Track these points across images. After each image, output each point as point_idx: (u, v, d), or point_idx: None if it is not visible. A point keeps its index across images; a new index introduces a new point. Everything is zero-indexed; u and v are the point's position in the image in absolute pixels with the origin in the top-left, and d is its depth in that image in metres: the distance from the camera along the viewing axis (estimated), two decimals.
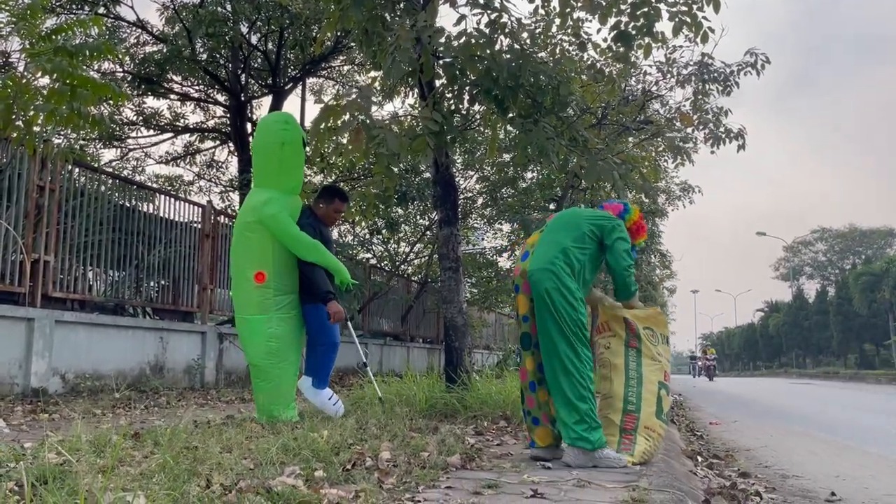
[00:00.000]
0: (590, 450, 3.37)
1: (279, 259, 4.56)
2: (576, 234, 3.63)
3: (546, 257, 3.55)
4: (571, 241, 3.60)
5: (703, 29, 5.79)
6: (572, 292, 3.49)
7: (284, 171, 4.69)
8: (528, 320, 3.65)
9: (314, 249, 4.56)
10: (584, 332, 3.49)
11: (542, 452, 3.62)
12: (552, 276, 3.48)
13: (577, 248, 3.59)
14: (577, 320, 3.46)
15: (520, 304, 3.70)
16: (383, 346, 14.56)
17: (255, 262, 4.53)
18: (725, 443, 6.65)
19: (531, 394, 3.68)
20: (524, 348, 3.70)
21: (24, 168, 6.60)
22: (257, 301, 4.53)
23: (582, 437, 3.36)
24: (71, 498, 1.91)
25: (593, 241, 3.65)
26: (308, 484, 2.55)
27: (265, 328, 4.52)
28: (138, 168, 16.33)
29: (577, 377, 3.40)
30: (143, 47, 14.03)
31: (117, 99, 5.12)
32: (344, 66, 16.20)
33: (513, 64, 5.25)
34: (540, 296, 3.50)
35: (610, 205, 3.94)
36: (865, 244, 63.85)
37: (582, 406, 3.38)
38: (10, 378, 6.14)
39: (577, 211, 3.84)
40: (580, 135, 6.06)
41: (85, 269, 7.55)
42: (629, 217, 3.88)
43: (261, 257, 4.53)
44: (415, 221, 15.80)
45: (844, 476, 4.67)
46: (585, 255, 3.61)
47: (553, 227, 3.74)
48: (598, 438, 3.38)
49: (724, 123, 8.55)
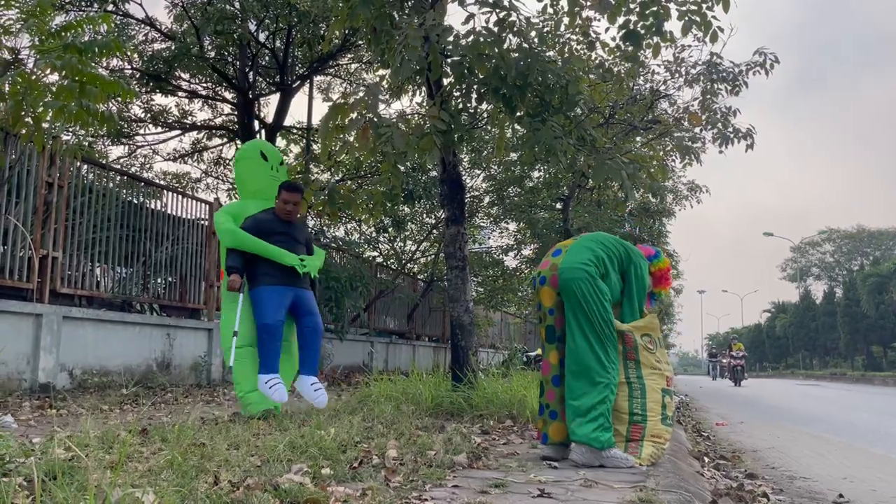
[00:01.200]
0: (598, 448, 3.37)
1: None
2: (609, 252, 3.67)
3: (582, 258, 3.57)
4: (605, 255, 3.64)
5: (713, 28, 5.76)
6: (603, 293, 3.52)
7: (242, 181, 5.31)
8: (554, 313, 3.65)
9: (229, 235, 4.87)
10: (613, 332, 3.51)
11: (551, 451, 3.62)
12: (586, 275, 3.50)
13: (608, 264, 3.64)
14: (607, 319, 3.48)
15: (545, 296, 3.67)
16: (389, 345, 14.57)
17: (223, 263, 5.04)
18: (732, 444, 6.63)
19: (553, 388, 3.65)
20: (548, 342, 3.69)
21: (33, 164, 6.63)
22: (223, 298, 5.04)
23: (591, 436, 3.36)
24: (80, 493, 1.91)
25: (617, 269, 3.69)
26: (315, 481, 2.55)
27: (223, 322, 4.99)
28: (146, 165, 16.40)
29: (602, 375, 3.42)
30: (151, 44, 14.06)
31: (126, 96, 5.13)
32: (352, 64, 16.20)
33: (521, 63, 5.24)
34: (572, 290, 3.50)
35: (643, 247, 3.98)
36: (873, 245, 63.53)
37: (601, 406, 3.39)
38: (19, 373, 6.17)
39: (613, 237, 3.85)
40: (588, 134, 6.05)
41: (93, 265, 7.58)
42: (657, 263, 3.91)
43: (222, 257, 5.03)
44: (421, 220, 15.80)
45: (852, 478, 4.65)
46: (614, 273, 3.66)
47: (591, 238, 3.76)
48: (607, 439, 3.38)
49: (733, 123, 8.51)
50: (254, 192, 5.21)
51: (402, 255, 16.50)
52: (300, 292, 4.98)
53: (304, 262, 4.95)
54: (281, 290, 4.83)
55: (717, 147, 8.45)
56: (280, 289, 4.83)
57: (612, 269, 3.66)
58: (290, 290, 4.89)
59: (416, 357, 15.58)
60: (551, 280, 3.63)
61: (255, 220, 4.94)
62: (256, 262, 4.87)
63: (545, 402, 3.69)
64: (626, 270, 3.72)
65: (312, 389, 4.87)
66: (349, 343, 12.38)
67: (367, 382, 6.31)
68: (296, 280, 4.94)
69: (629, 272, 3.72)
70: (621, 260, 3.71)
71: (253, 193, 5.21)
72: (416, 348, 16.08)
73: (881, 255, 60.08)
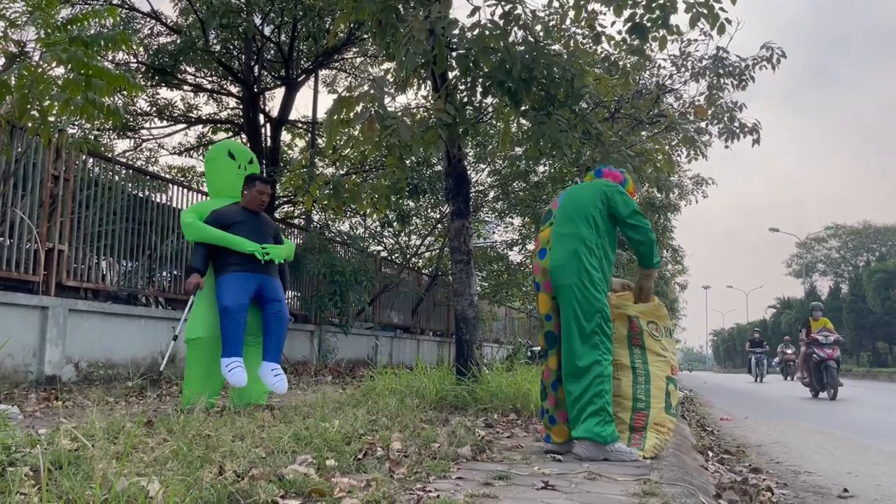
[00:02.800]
0: (602, 443, 3.37)
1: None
2: (587, 218, 3.59)
3: (566, 251, 3.55)
4: (586, 227, 3.58)
5: (720, 20, 5.73)
6: (596, 284, 3.49)
7: (211, 181, 5.40)
8: (552, 319, 3.66)
9: (191, 229, 4.94)
10: (608, 325, 3.50)
11: (555, 447, 3.63)
12: (575, 271, 3.49)
13: (594, 234, 3.57)
14: (601, 311, 3.48)
15: (542, 302, 3.70)
16: (393, 339, 14.59)
17: None
18: (736, 438, 6.62)
19: (553, 392, 3.68)
20: (550, 347, 3.70)
21: (39, 157, 6.65)
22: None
23: (594, 431, 3.36)
24: (86, 483, 1.92)
25: (603, 216, 3.62)
26: (320, 472, 2.56)
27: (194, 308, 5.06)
28: (151, 159, 16.42)
29: (596, 374, 3.42)
30: (156, 38, 14.05)
31: (131, 89, 5.13)
32: (357, 57, 16.17)
33: (526, 56, 5.22)
34: (563, 291, 3.51)
35: (610, 172, 3.92)
36: (880, 241, 63.24)
37: (598, 400, 3.39)
38: (25, 366, 6.20)
39: (576, 194, 3.75)
40: (594, 128, 6.03)
41: (98, 258, 7.60)
42: (627, 188, 3.86)
43: None
44: (426, 214, 15.79)
45: (857, 473, 4.64)
46: (603, 238, 3.60)
47: (562, 218, 3.68)
48: (610, 432, 3.38)
49: (739, 118, 8.47)
50: (220, 191, 5.29)
51: (407, 249, 16.50)
52: (266, 279, 4.95)
53: (265, 249, 4.94)
54: (245, 276, 4.84)
55: (723, 142, 8.43)
56: (244, 275, 4.84)
57: (601, 221, 3.61)
58: (254, 276, 4.88)
59: (420, 351, 15.59)
60: (545, 285, 3.65)
61: (216, 213, 5.01)
62: (222, 253, 4.91)
63: (546, 408, 3.71)
64: (612, 208, 3.62)
65: (272, 375, 4.84)
66: (353, 337, 12.40)
67: (371, 376, 6.32)
68: (260, 267, 4.94)
69: (617, 206, 3.61)
70: (605, 206, 3.63)
71: (219, 191, 5.29)
72: (421, 342, 16.09)
73: (887, 251, 59.81)
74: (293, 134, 17.33)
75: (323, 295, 11.19)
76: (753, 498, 3.44)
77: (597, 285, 3.50)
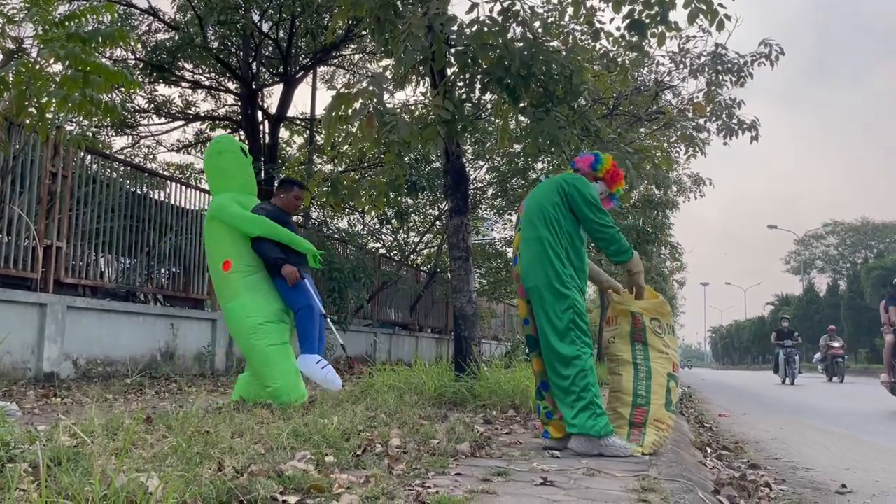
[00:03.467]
0: (595, 437, 3.38)
1: (238, 243, 4.89)
2: (546, 217, 3.59)
3: (532, 255, 3.59)
4: (545, 228, 3.57)
5: (720, 16, 5.72)
6: (564, 281, 3.50)
7: (227, 174, 5.13)
8: (529, 323, 3.71)
9: (258, 223, 4.85)
10: (583, 319, 3.51)
11: (553, 443, 3.63)
12: (542, 272, 3.52)
13: (555, 231, 3.56)
14: (573, 307, 3.48)
15: (521, 307, 3.78)
16: (392, 336, 14.59)
17: (220, 254, 4.91)
18: (735, 435, 6.64)
19: (544, 392, 3.71)
20: (531, 350, 3.75)
21: (37, 154, 6.64)
22: (230, 288, 4.85)
23: (586, 426, 3.37)
24: (85, 479, 1.92)
25: (563, 211, 3.59)
26: (319, 469, 2.56)
27: (241, 312, 4.78)
28: (150, 156, 16.41)
29: (579, 368, 3.43)
30: (154, 35, 14.03)
31: (129, 86, 5.12)
32: (355, 54, 16.16)
33: (525, 52, 5.21)
34: (533, 293, 3.57)
35: (581, 158, 3.87)
36: (878, 238, 63.30)
37: (586, 394, 3.40)
38: (23, 363, 6.20)
39: (535, 196, 3.73)
40: (592, 124, 6.03)
41: (97, 255, 7.60)
42: (601, 167, 3.81)
43: (222, 247, 4.90)
44: (424, 211, 15.79)
45: (855, 469, 4.65)
46: (565, 234, 3.58)
47: (525, 222, 3.70)
48: (603, 425, 3.38)
49: (738, 115, 8.47)
50: (241, 187, 5.16)
51: (406, 246, 16.50)
52: (311, 279, 5.14)
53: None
54: (305, 275, 5.00)
55: (722, 139, 8.43)
56: (304, 274, 4.99)
57: (562, 216, 3.58)
58: (307, 276, 5.05)
59: (419, 348, 15.61)
60: (520, 290, 3.71)
61: (266, 212, 5.00)
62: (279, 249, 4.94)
63: (542, 404, 3.73)
64: (570, 201, 3.59)
65: (319, 367, 4.93)
66: (352, 334, 12.41)
67: (370, 373, 6.32)
68: (307, 268, 5.11)
69: (574, 200, 3.58)
70: (563, 200, 3.59)
71: (241, 188, 5.16)
72: (420, 339, 16.10)
73: (885, 248, 59.87)
74: (291, 131, 17.31)
75: (321, 292, 11.18)
76: (752, 494, 3.44)
77: (565, 283, 3.50)
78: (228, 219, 4.87)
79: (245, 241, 4.91)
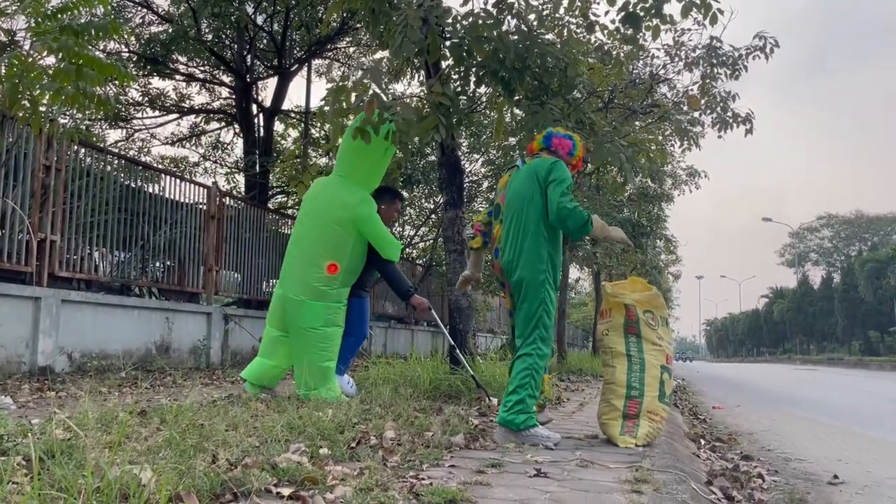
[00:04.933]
0: (515, 430, 3.45)
1: (354, 256, 4.84)
2: (528, 204, 3.64)
3: (516, 249, 3.66)
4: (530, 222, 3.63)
5: (713, 10, 5.72)
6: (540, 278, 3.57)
7: (377, 174, 5.03)
8: (514, 315, 3.80)
9: (398, 249, 4.89)
10: (549, 317, 3.58)
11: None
12: (528, 267, 3.60)
13: (537, 217, 3.62)
14: (544, 302, 3.57)
15: (508, 300, 3.92)
16: (388, 329, 14.60)
17: (331, 254, 4.77)
18: (728, 427, 6.67)
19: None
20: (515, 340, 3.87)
21: (31, 147, 6.61)
22: (322, 289, 4.75)
23: (507, 418, 3.46)
24: (78, 471, 1.92)
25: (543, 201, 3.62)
26: (313, 461, 2.57)
27: (322, 313, 4.74)
28: (144, 149, 16.32)
29: (528, 363, 3.52)
30: (148, 27, 13.97)
31: (123, 79, 5.09)
32: (350, 47, 16.10)
33: (520, 45, 5.21)
34: (514, 286, 3.69)
35: (559, 140, 3.85)
36: (872, 231, 63.56)
37: (521, 391, 3.48)
38: (18, 356, 6.19)
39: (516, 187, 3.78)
40: (587, 117, 6.03)
41: (91, 248, 7.57)
42: (577, 153, 3.87)
43: (339, 251, 4.78)
44: (420, 205, 15.78)
45: (847, 460, 4.69)
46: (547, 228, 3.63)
47: (509, 211, 3.78)
48: (524, 420, 3.44)
49: (732, 108, 8.48)
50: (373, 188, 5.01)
51: (401, 239, 16.50)
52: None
53: None
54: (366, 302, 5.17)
55: (716, 132, 8.44)
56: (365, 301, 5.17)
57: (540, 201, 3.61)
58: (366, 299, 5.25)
59: (414, 342, 15.62)
60: (506, 285, 3.83)
61: None
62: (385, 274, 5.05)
63: None
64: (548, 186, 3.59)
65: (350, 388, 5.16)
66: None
67: (365, 366, 6.33)
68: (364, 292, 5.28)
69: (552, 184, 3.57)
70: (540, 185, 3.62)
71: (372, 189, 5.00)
72: (415, 333, 16.12)
73: (879, 240, 60.14)
74: (286, 124, 17.26)
75: None
76: (744, 485, 3.46)
77: (542, 279, 3.58)
78: (373, 236, 4.81)
79: (361, 258, 4.89)
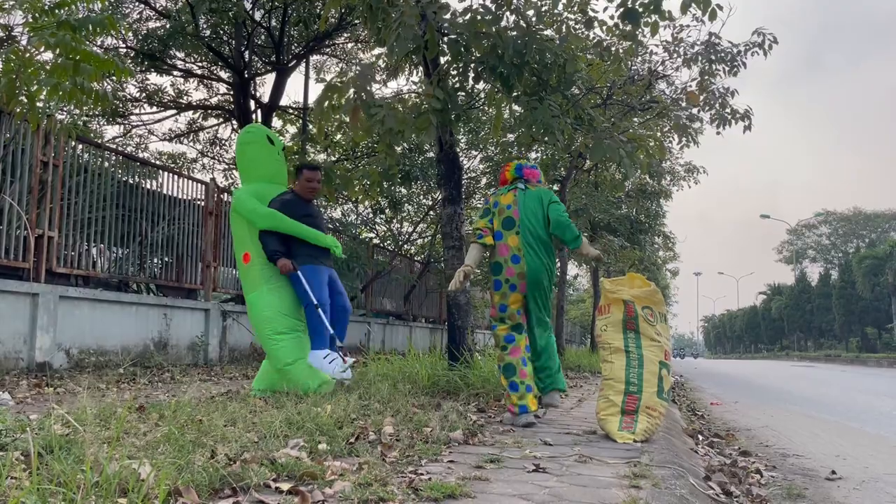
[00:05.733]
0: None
1: (255, 236, 4.99)
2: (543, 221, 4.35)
3: (539, 257, 4.28)
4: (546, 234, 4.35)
5: (712, 6, 5.71)
6: (553, 281, 4.42)
7: (255, 164, 5.22)
8: (521, 313, 4.34)
9: (266, 217, 4.92)
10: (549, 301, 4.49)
11: (532, 418, 4.06)
12: (546, 274, 4.30)
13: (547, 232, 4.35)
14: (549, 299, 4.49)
15: (514, 300, 4.31)
16: (386, 326, 14.60)
17: (241, 246, 5.05)
18: (726, 423, 6.68)
19: (525, 367, 4.20)
20: (518, 333, 4.32)
21: (28, 143, 6.60)
22: (249, 279, 5.00)
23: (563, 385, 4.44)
24: (77, 466, 1.92)
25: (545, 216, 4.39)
26: (312, 456, 2.57)
27: (259, 302, 4.91)
28: (141, 145, 16.29)
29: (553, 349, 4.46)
30: (146, 23, 13.92)
31: (120, 75, 5.07)
32: (348, 43, 16.06)
33: (518, 41, 5.20)
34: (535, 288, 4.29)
35: (531, 172, 4.59)
36: (869, 228, 63.57)
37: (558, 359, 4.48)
38: (16, 353, 6.18)
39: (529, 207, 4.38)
40: (586, 113, 6.02)
41: (89, 245, 7.56)
42: (543, 180, 4.68)
43: (242, 240, 5.02)
44: (418, 201, 15.76)
45: (845, 455, 4.70)
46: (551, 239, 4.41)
47: (525, 229, 4.32)
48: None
49: (731, 104, 8.48)
50: (268, 176, 5.21)
51: (399, 236, 16.49)
52: (332, 271, 5.16)
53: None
54: (319, 268, 5.00)
55: (715, 128, 8.44)
56: (318, 268, 5.00)
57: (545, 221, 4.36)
58: (325, 269, 5.07)
59: (412, 338, 15.62)
60: (521, 287, 4.29)
61: (281, 203, 5.02)
62: (291, 243, 4.97)
63: (520, 381, 4.17)
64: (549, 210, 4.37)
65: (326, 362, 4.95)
66: None
67: (364, 362, 6.33)
68: (328, 260, 5.15)
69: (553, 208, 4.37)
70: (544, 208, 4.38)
71: (268, 177, 5.20)
72: (413, 329, 16.12)
73: (877, 237, 60.18)
74: (284, 120, 17.22)
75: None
76: (742, 480, 3.47)
77: (554, 282, 4.42)
78: (244, 212, 4.96)
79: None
